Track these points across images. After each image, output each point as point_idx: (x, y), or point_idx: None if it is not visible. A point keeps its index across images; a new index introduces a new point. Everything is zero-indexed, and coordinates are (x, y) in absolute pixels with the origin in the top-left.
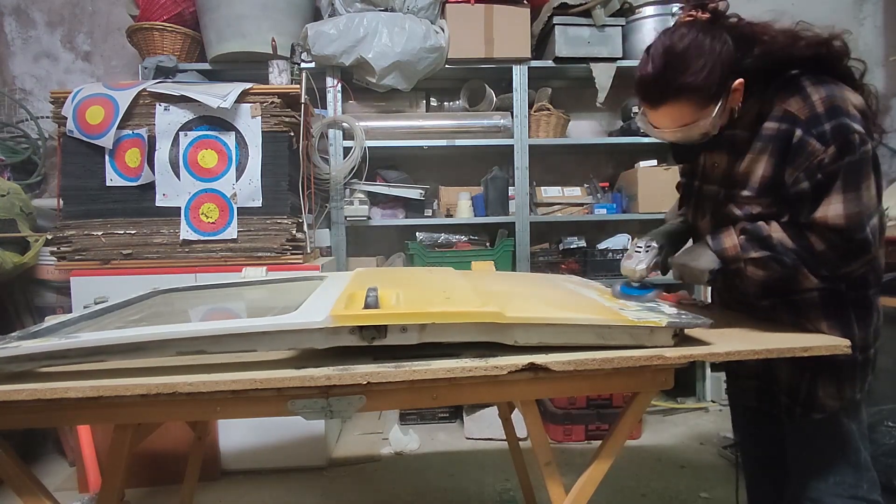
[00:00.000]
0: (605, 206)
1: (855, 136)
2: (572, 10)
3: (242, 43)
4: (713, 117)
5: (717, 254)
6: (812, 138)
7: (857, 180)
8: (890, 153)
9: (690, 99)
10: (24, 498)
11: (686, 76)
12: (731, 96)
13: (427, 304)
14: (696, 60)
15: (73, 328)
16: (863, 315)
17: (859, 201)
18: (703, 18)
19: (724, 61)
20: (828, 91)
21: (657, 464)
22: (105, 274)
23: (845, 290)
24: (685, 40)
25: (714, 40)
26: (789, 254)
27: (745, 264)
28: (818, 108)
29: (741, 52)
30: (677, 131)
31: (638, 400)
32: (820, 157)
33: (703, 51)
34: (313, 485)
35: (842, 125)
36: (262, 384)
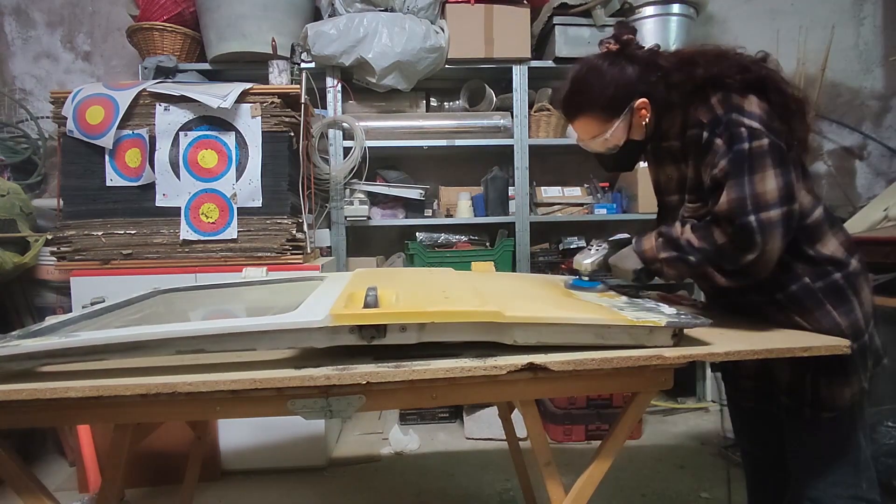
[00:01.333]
0: (605, 207)
1: (741, 129)
2: (572, 11)
3: (242, 43)
4: (615, 130)
5: (637, 255)
6: (714, 137)
7: (741, 169)
8: (890, 153)
9: (591, 115)
10: (24, 498)
11: (584, 96)
12: (637, 114)
13: (426, 303)
14: (594, 83)
15: (72, 327)
16: (840, 302)
17: (741, 188)
18: (613, 49)
19: (618, 83)
20: (727, 96)
21: (657, 464)
22: (105, 274)
23: (811, 283)
24: (585, 67)
25: (612, 66)
26: (695, 253)
27: (660, 264)
28: (717, 110)
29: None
30: (590, 142)
31: (638, 400)
32: (718, 153)
33: (600, 75)
34: (313, 485)
35: (731, 120)
36: (262, 384)
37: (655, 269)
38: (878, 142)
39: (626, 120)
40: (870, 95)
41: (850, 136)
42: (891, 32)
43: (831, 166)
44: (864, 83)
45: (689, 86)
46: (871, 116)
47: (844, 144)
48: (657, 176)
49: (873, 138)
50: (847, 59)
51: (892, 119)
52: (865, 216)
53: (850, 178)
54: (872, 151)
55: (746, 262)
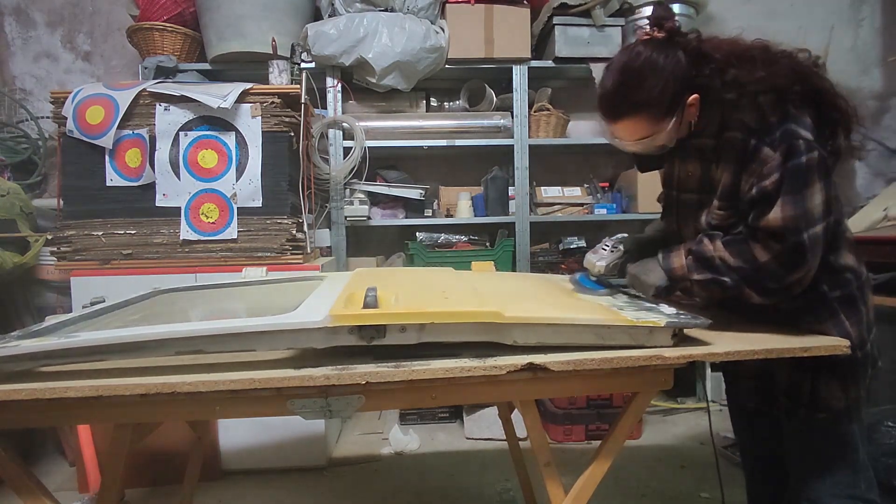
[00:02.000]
0: (605, 206)
1: (800, 142)
2: (572, 10)
3: (242, 43)
4: (668, 131)
5: (665, 272)
6: (765, 146)
7: (798, 185)
8: (889, 153)
9: (645, 114)
10: (24, 498)
11: (640, 93)
12: (687, 111)
13: (426, 303)
14: (649, 78)
15: (72, 328)
16: (852, 312)
17: (798, 205)
18: (659, 37)
19: (676, 78)
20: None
21: (657, 464)
22: (105, 274)
23: (828, 292)
24: (640, 59)
25: (667, 58)
26: (731, 273)
27: (691, 284)
28: (770, 117)
29: (696, 68)
30: (636, 144)
31: (637, 400)
32: (769, 163)
33: (656, 68)
34: (313, 485)
35: (787, 130)
36: (262, 384)
37: (684, 288)
38: (877, 142)
39: (679, 118)
40: (868, 96)
41: None
42: (889, 33)
43: None
44: (862, 84)
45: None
46: (869, 117)
47: None
48: (674, 170)
49: (872, 138)
50: (845, 59)
51: (890, 119)
52: (865, 216)
53: (850, 178)
54: (872, 151)
55: (793, 280)
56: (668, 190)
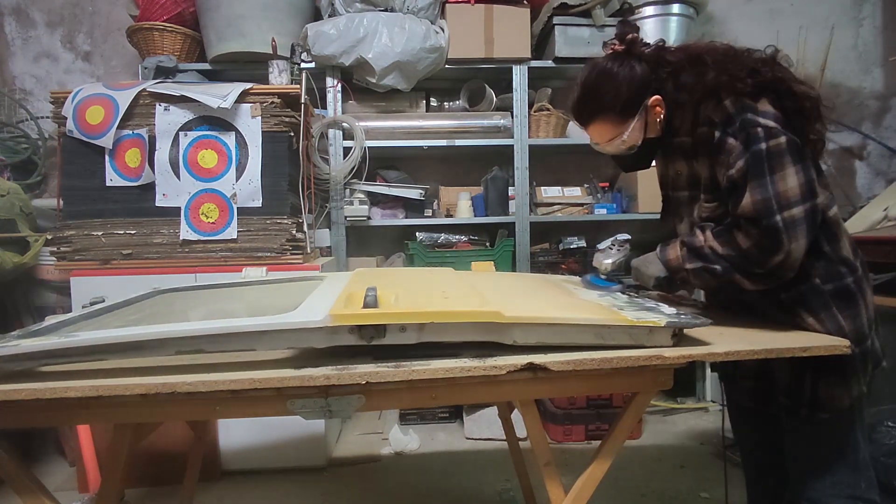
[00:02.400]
0: (605, 206)
1: (758, 129)
2: (572, 10)
3: (242, 43)
4: (632, 131)
5: (662, 264)
6: (728, 136)
7: (762, 170)
8: (890, 153)
9: (606, 118)
10: (24, 498)
11: (597, 100)
12: (651, 111)
13: (426, 303)
14: (603, 86)
15: (72, 327)
16: (847, 306)
17: (764, 189)
18: (619, 49)
19: (630, 83)
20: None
21: (657, 464)
22: (105, 274)
23: (821, 284)
24: (596, 70)
25: (621, 66)
26: (721, 261)
27: (686, 273)
28: (730, 109)
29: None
30: (607, 145)
31: (637, 400)
32: (734, 152)
33: (610, 77)
34: (313, 485)
35: (746, 120)
36: (262, 384)
37: (680, 278)
38: (877, 142)
39: (642, 119)
40: (869, 95)
41: (850, 136)
42: (890, 33)
43: (831, 166)
44: (863, 83)
45: (700, 88)
46: (870, 116)
47: (844, 144)
48: (665, 171)
49: (873, 138)
50: (846, 59)
51: (891, 119)
52: (865, 216)
53: (850, 178)
54: (872, 151)
55: (774, 263)
56: (664, 191)
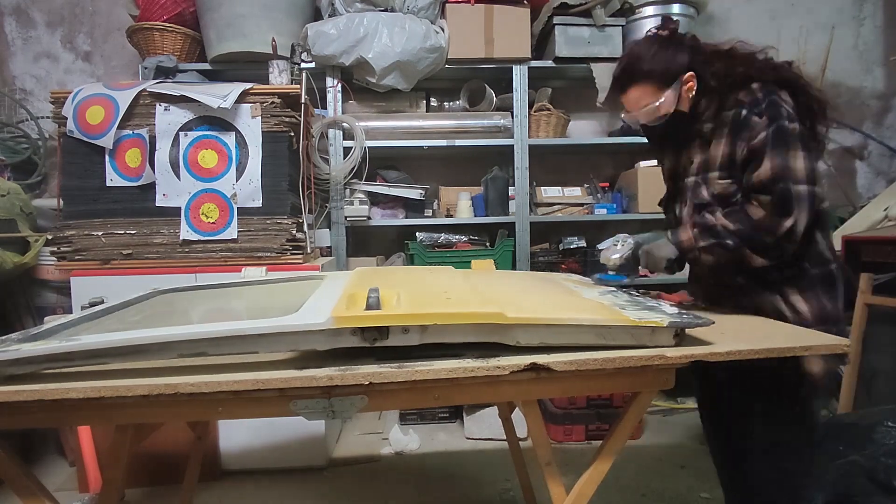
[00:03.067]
0: (605, 206)
1: (783, 109)
2: (572, 10)
3: (242, 43)
4: (667, 99)
5: (675, 245)
6: (753, 115)
7: (782, 143)
8: (890, 153)
9: (645, 84)
10: (24, 498)
11: (642, 67)
12: (684, 86)
13: (428, 304)
14: (649, 56)
15: (73, 330)
16: (828, 290)
17: (783, 158)
18: (663, 34)
19: (670, 60)
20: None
21: (657, 464)
22: (105, 274)
23: (809, 268)
24: (643, 44)
25: (665, 45)
26: (732, 237)
27: (698, 252)
28: (758, 94)
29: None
30: (641, 111)
31: (639, 400)
32: (757, 127)
33: (656, 50)
34: (313, 485)
35: (773, 101)
36: (264, 385)
37: (692, 258)
38: (878, 142)
39: (676, 91)
40: (870, 95)
41: (851, 135)
42: (891, 32)
43: (831, 166)
44: (864, 83)
45: (729, 78)
46: (871, 116)
47: (845, 144)
48: (676, 162)
49: (874, 138)
50: (847, 59)
51: (892, 119)
52: (866, 216)
53: (851, 178)
54: (873, 151)
55: (784, 229)
56: (673, 182)
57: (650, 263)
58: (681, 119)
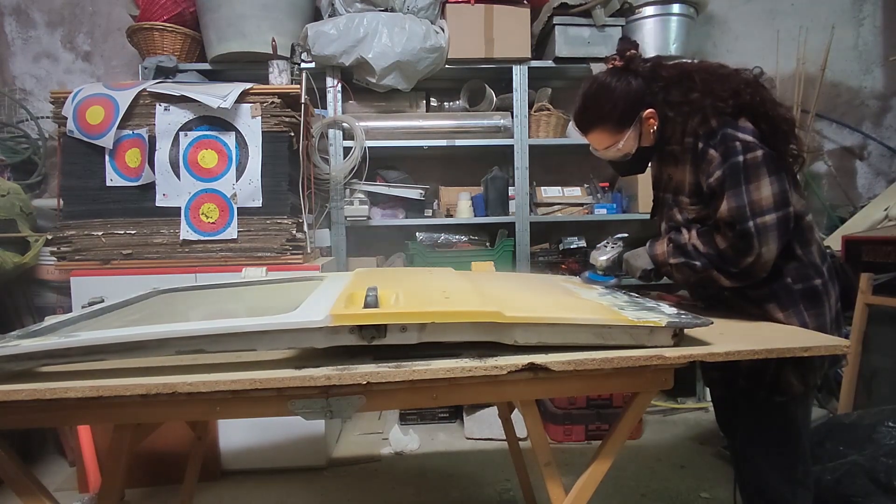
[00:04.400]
0: (605, 206)
1: (736, 143)
2: (572, 10)
3: (242, 43)
4: (627, 140)
5: (650, 257)
6: (710, 148)
7: (738, 180)
8: (890, 153)
9: (603, 128)
10: (24, 498)
11: (595, 112)
12: (645, 123)
13: (427, 303)
14: (601, 99)
15: (72, 328)
16: (813, 305)
17: (739, 198)
18: (618, 65)
19: (627, 97)
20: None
21: (657, 464)
22: (105, 274)
23: (791, 283)
24: (595, 84)
25: (619, 81)
26: (701, 258)
27: (670, 268)
28: (713, 123)
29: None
30: (605, 152)
31: (638, 400)
32: (713, 162)
33: (608, 91)
34: (313, 485)
35: (726, 134)
36: (262, 384)
37: (665, 272)
38: (878, 142)
39: (636, 129)
40: (870, 95)
41: (851, 136)
42: (890, 33)
43: (831, 166)
44: (863, 83)
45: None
46: (871, 116)
47: (844, 144)
48: (659, 173)
49: (873, 138)
50: (847, 59)
51: (891, 119)
52: (866, 216)
53: (851, 178)
54: (872, 151)
55: (746, 264)
56: (655, 192)
57: (629, 270)
58: (646, 153)
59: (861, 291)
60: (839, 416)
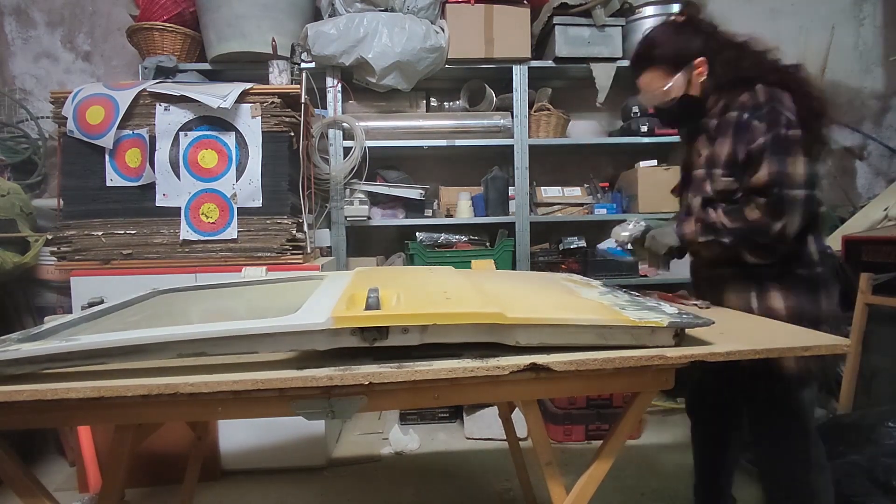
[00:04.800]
0: (605, 206)
1: (783, 117)
2: (572, 10)
3: (242, 43)
4: (677, 82)
5: (678, 236)
6: (754, 119)
7: (781, 150)
8: (890, 153)
9: (658, 67)
10: (24, 498)
11: (654, 52)
12: (696, 70)
13: (428, 304)
14: (661, 42)
15: (72, 330)
16: (809, 290)
17: (781, 164)
18: (679, 20)
19: (682, 45)
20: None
21: (657, 464)
22: (105, 274)
23: (795, 268)
24: (656, 31)
25: (678, 32)
26: (729, 234)
27: (699, 246)
28: (761, 99)
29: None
30: (653, 94)
31: (639, 400)
32: (757, 132)
33: (668, 36)
34: (313, 485)
35: (774, 108)
36: (264, 385)
37: (693, 251)
38: (878, 142)
39: (687, 74)
40: (870, 95)
41: (851, 136)
42: (890, 32)
43: (831, 166)
44: (864, 83)
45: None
46: (871, 116)
47: (845, 144)
48: (689, 154)
49: (873, 138)
50: (847, 59)
51: (892, 119)
52: (866, 216)
53: (851, 178)
54: (872, 151)
55: (776, 231)
56: (685, 172)
57: (654, 246)
58: (691, 104)
59: (861, 291)
60: (839, 416)
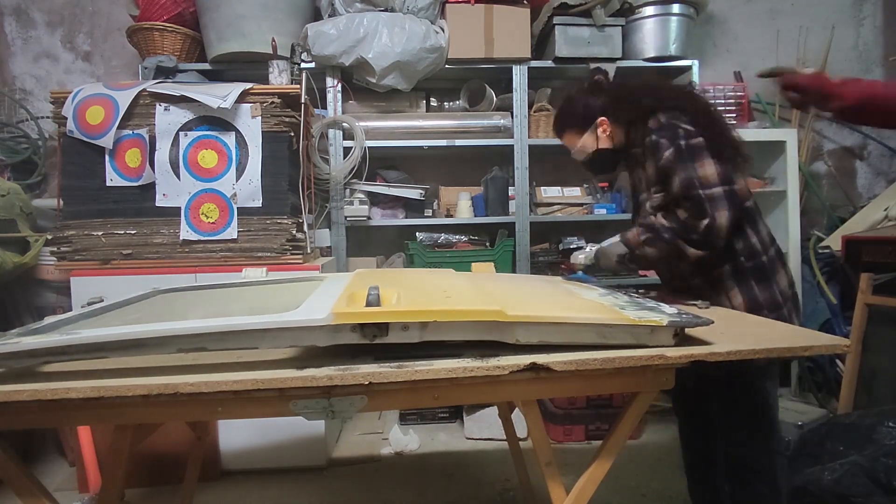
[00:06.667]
0: (605, 206)
1: (679, 130)
2: (572, 10)
3: (242, 43)
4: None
5: (623, 243)
6: (660, 139)
7: (686, 157)
8: (890, 153)
9: (569, 130)
10: (24, 498)
11: (564, 119)
12: (599, 128)
13: (428, 302)
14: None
15: (72, 326)
16: (762, 278)
17: (688, 172)
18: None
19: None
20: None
21: (657, 464)
22: (105, 274)
23: (744, 262)
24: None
25: (580, 98)
26: (668, 231)
27: (642, 246)
28: (662, 120)
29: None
30: (575, 152)
31: (639, 400)
32: (663, 147)
33: (572, 104)
34: (313, 485)
35: (672, 124)
36: (264, 384)
37: (639, 254)
38: (878, 142)
39: (593, 133)
40: None
41: (851, 136)
42: (890, 33)
43: (831, 166)
44: None
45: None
46: None
47: (844, 144)
48: (633, 179)
49: (873, 138)
50: (847, 59)
51: None
52: (866, 216)
53: (851, 178)
54: (872, 151)
55: (703, 228)
56: (632, 198)
57: (604, 260)
58: (606, 156)
59: (861, 291)
60: (839, 416)
